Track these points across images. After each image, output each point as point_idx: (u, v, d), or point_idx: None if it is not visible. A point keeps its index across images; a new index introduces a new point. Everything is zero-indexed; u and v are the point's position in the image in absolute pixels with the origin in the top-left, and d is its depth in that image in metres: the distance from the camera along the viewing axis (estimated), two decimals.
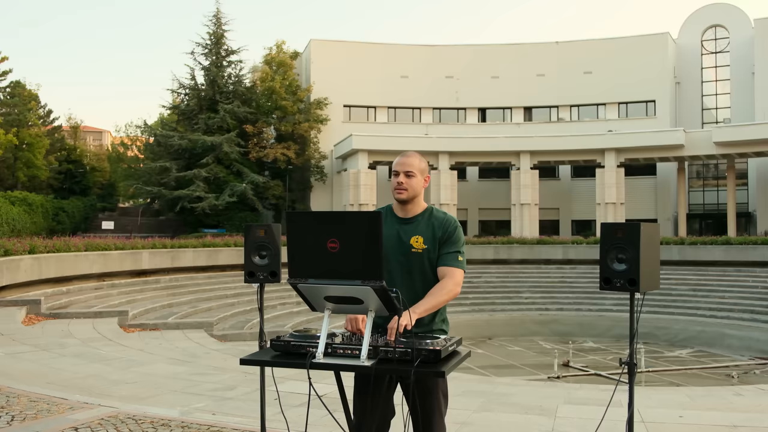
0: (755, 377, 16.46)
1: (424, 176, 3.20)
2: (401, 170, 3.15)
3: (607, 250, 3.46)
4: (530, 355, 19.70)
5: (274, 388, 7.16)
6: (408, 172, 3.15)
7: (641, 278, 3.37)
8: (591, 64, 40.42)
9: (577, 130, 38.72)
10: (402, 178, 3.14)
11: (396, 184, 3.16)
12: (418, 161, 3.19)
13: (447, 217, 3.25)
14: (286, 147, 38.55)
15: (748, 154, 34.23)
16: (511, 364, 18.37)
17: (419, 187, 3.19)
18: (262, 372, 4.21)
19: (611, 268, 3.45)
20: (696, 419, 5.88)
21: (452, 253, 3.16)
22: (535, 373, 16.60)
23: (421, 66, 41.73)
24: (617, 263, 3.44)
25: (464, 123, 42.21)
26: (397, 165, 3.18)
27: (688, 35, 41.68)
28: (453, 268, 3.14)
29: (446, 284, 3.09)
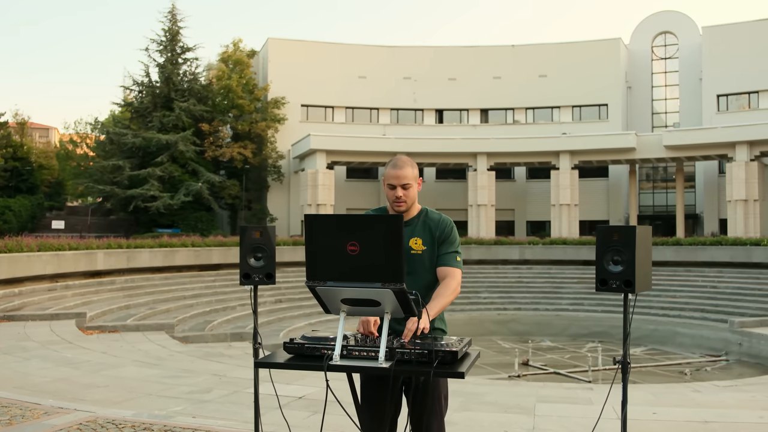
0: (707, 374, 16.98)
1: (417, 181, 3.22)
2: (398, 184, 3.14)
3: (603, 252, 3.56)
4: (490, 354, 19.93)
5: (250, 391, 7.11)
6: (405, 185, 3.15)
7: (636, 279, 3.48)
8: (546, 68, 41.09)
9: (533, 132, 39.35)
10: (400, 191, 3.15)
11: (395, 198, 3.16)
12: (411, 169, 3.20)
13: (442, 217, 3.30)
14: (242, 146, 38.16)
15: (695, 157, 35.28)
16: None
17: (415, 194, 3.23)
18: (256, 375, 4.17)
19: (607, 270, 3.54)
20: (669, 416, 6.05)
21: (451, 253, 3.22)
22: (496, 372, 16.81)
23: (379, 66, 41.82)
24: (613, 265, 3.53)
25: (422, 124, 42.46)
26: (392, 179, 3.16)
27: (639, 41, 42.75)
28: (453, 268, 3.20)
29: (450, 284, 3.15)
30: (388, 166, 3.24)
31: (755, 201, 31.84)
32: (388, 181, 3.18)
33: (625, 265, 3.48)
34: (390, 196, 3.19)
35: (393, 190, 3.16)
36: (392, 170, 3.17)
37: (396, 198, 3.15)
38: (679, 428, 5.47)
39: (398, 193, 3.15)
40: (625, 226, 3.54)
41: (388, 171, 3.19)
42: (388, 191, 3.19)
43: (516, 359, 17.20)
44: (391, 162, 3.25)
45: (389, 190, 3.18)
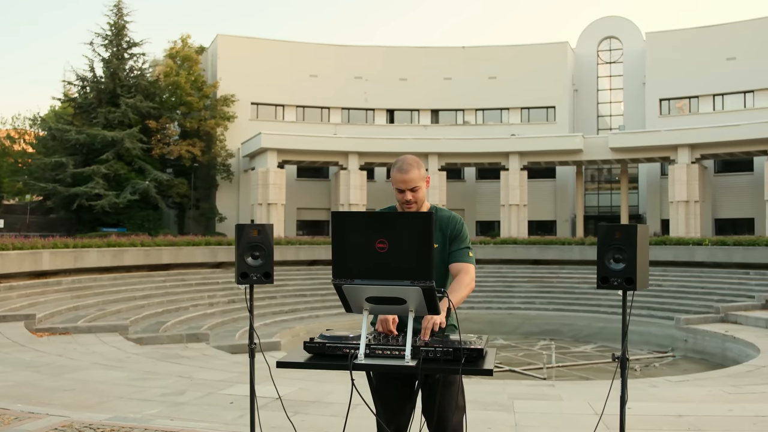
0: (655, 369, 17.48)
1: (425, 181, 3.21)
2: (406, 188, 3.14)
3: (605, 250, 3.61)
4: None
5: (228, 392, 7.02)
6: (413, 189, 3.15)
7: (638, 277, 3.55)
8: (495, 70, 41.63)
9: (482, 133, 39.82)
10: (409, 195, 3.15)
11: (404, 201, 3.16)
12: (418, 171, 3.17)
13: (452, 214, 3.32)
14: (191, 144, 37.51)
15: (639, 159, 36.29)
16: None
17: (425, 194, 3.23)
18: (251, 376, 4.09)
19: (609, 268, 3.60)
20: (643, 410, 6.20)
21: (463, 249, 3.24)
22: None
23: (330, 65, 41.66)
24: (614, 263, 3.60)
25: (373, 124, 42.50)
26: (399, 183, 3.15)
27: (586, 45, 43.74)
28: (466, 263, 3.22)
29: (464, 279, 3.16)
30: (394, 168, 3.21)
31: (696, 202, 32.94)
32: (395, 186, 3.17)
33: (626, 263, 3.54)
34: (399, 199, 3.19)
35: (402, 194, 3.16)
36: (399, 174, 3.16)
37: (406, 201, 3.16)
38: (657, 422, 5.61)
39: (407, 197, 3.15)
40: (626, 224, 3.60)
41: (395, 175, 3.17)
42: (397, 194, 3.18)
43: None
44: (397, 165, 3.21)
45: (398, 193, 3.18)
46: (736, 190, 35.77)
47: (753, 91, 36.83)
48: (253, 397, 4.09)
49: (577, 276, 26.44)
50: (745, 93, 37.16)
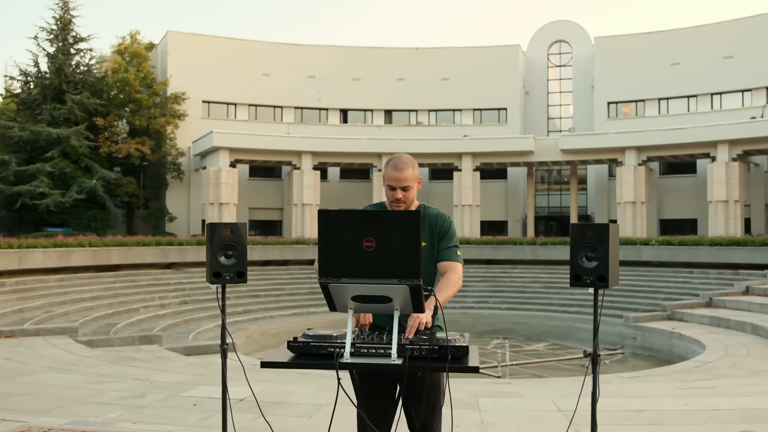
0: (606, 366, 17.85)
1: (417, 182, 3.21)
2: (398, 186, 3.13)
3: (578, 248, 3.68)
4: None
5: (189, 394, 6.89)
6: (405, 188, 3.14)
7: (609, 275, 3.63)
8: (448, 71, 41.95)
9: (435, 134, 40.11)
10: (400, 193, 3.13)
11: (394, 200, 3.15)
12: (411, 170, 3.17)
13: (440, 212, 3.32)
14: (140, 142, 36.76)
15: (589, 161, 37.07)
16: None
17: (415, 194, 3.23)
18: (223, 377, 4.03)
19: (581, 266, 3.67)
20: (604, 406, 6.31)
21: (451, 247, 3.24)
22: None
23: (283, 64, 41.36)
24: (587, 261, 3.66)
25: (326, 123, 42.36)
26: (392, 180, 3.14)
27: (536, 49, 44.45)
28: (454, 262, 3.22)
29: (451, 278, 3.17)
30: (388, 165, 3.20)
31: (642, 203, 33.80)
32: (387, 182, 3.16)
33: (599, 261, 3.61)
34: (389, 196, 3.17)
35: (393, 192, 3.14)
36: (393, 172, 3.14)
37: (396, 200, 3.14)
38: (618, 417, 5.73)
39: (398, 195, 3.13)
40: (598, 223, 3.66)
41: (389, 172, 3.16)
42: (388, 191, 3.17)
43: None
44: (391, 162, 3.20)
45: (389, 190, 3.16)
46: (680, 192, 36.84)
47: (696, 95, 37.98)
48: (226, 399, 4.03)
49: (529, 275, 26.85)
50: (688, 97, 38.30)
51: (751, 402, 6.57)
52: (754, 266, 23.48)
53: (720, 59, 36.68)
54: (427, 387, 3.10)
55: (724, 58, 36.56)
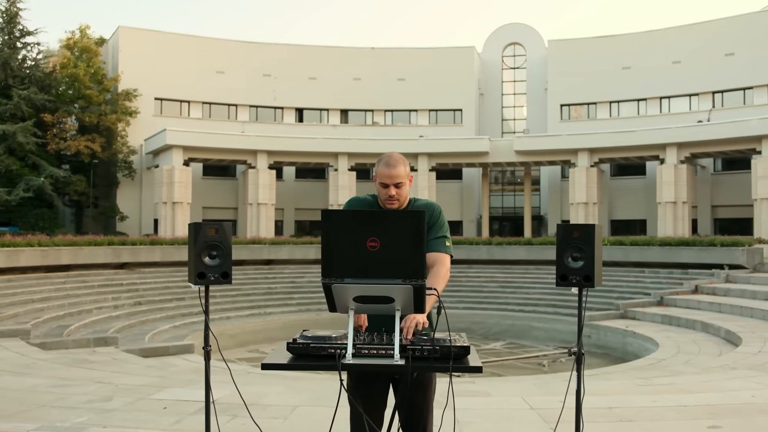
0: (562, 365, 18.14)
1: (409, 179, 3.21)
2: (391, 183, 3.13)
3: (564, 249, 3.72)
4: None
5: (158, 397, 6.75)
6: (397, 184, 3.14)
7: (595, 275, 3.68)
8: (404, 72, 42.10)
9: (391, 134, 40.21)
10: (393, 190, 3.13)
11: (387, 197, 3.13)
12: (404, 167, 3.18)
13: (430, 203, 3.32)
14: (90, 139, 35.88)
15: (542, 162, 37.65)
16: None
17: (407, 192, 3.22)
18: (207, 379, 3.95)
19: (568, 266, 3.71)
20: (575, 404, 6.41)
21: (440, 238, 3.23)
22: None
23: (237, 62, 40.90)
24: (573, 261, 3.71)
25: (281, 122, 42.03)
26: (385, 177, 3.13)
27: (491, 50, 44.94)
28: (442, 254, 3.21)
29: (440, 271, 3.15)
30: (380, 163, 3.19)
31: (594, 204, 34.48)
32: (380, 180, 3.14)
33: (585, 261, 3.66)
34: (382, 194, 3.15)
35: (386, 189, 3.13)
36: (385, 169, 3.13)
37: (389, 197, 3.13)
38: (591, 414, 5.80)
39: (391, 192, 3.12)
40: (584, 224, 3.71)
41: (381, 169, 3.15)
42: (380, 189, 3.15)
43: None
44: (383, 160, 3.19)
45: (382, 188, 3.15)
46: (631, 193, 37.72)
47: (646, 99, 38.94)
48: (209, 402, 3.95)
49: (486, 275, 27.11)
50: (638, 101, 39.25)
51: (714, 398, 6.75)
52: (702, 266, 24.18)
53: (668, 64, 37.67)
54: (419, 387, 3.11)
55: (673, 63, 37.57)
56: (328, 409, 6.42)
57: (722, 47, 36.14)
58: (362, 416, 3.02)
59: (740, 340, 14.79)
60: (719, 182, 36.11)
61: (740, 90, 36.26)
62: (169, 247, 26.88)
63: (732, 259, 23.84)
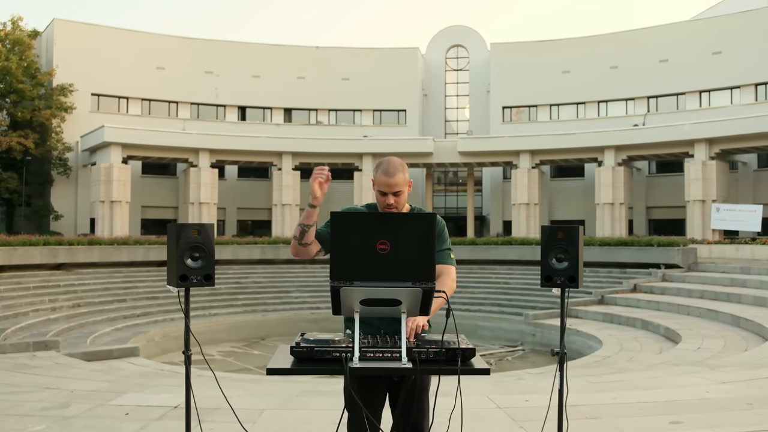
0: (509, 363, 18.43)
1: (408, 185, 3.17)
2: (389, 191, 3.09)
3: (549, 250, 3.77)
4: None
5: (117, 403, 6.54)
6: (396, 193, 3.10)
7: (579, 276, 3.74)
8: (349, 71, 42.04)
9: (335, 133, 40.08)
10: (391, 199, 3.09)
11: (386, 205, 3.10)
12: (403, 175, 3.13)
13: (431, 213, 3.32)
14: (23, 135, 34.58)
15: (485, 163, 38.20)
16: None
17: (406, 198, 3.20)
18: (187, 384, 3.84)
19: (552, 267, 3.76)
20: (542, 402, 6.52)
21: (444, 250, 3.24)
22: None
23: (178, 58, 40.06)
24: (557, 262, 3.76)
25: (224, 120, 41.38)
26: (384, 186, 3.09)
27: (435, 52, 45.32)
28: (448, 265, 3.22)
29: (446, 282, 3.16)
30: (378, 170, 3.14)
31: (535, 204, 35.17)
32: (379, 188, 3.11)
33: (569, 262, 3.72)
34: (381, 202, 3.12)
35: (384, 197, 3.10)
36: (384, 177, 3.09)
37: (387, 205, 3.09)
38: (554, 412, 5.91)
39: (389, 201, 3.09)
40: (568, 226, 3.77)
41: (380, 177, 3.11)
42: (379, 197, 3.12)
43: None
44: (381, 167, 3.14)
45: (380, 195, 3.11)
46: (570, 194, 38.61)
47: (584, 102, 39.94)
48: (189, 407, 3.85)
49: None
50: (577, 104, 40.22)
51: (670, 394, 6.96)
52: (640, 265, 24.95)
53: (606, 69, 38.74)
54: (420, 390, 3.11)
55: (610, 68, 38.65)
56: (295, 411, 6.35)
57: (656, 54, 37.39)
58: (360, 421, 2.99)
59: (679, 337, 15.31)
60: (654, 184, 37.34)
61: (673, 95, 37.59)
62: (108, 248, 26.13)
63: (668, 258, 24.68)
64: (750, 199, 32.32)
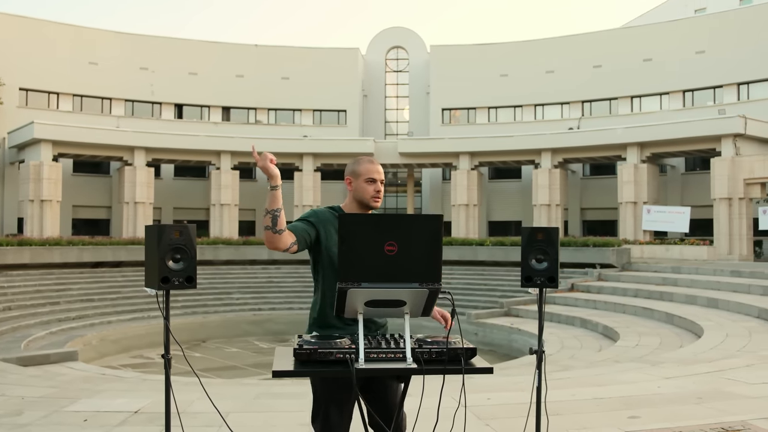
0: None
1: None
2: (378, 178, 3.19)
3: (529, 251, 3.85)
4: (248, 355, 19.80)
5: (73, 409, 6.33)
6: (383, 180, 3.22)
7: (558, 276, 3.84)
8: (288, 71, 41.71)
9: (275, 133, 39.67)
10: (380, 186, 3.20)
11: (375, 192, 3.17)
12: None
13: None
14: None
15: (425, 164, 38.53)
16: (233, 366, 18.26)
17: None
18: (167, 389, 3.75)
19: (532, 268, 3.85)
20: (500, 400, 6.65)
21: None
22: (260, 373, 16.72)
23: (112, 54, 38.91)
24: (537, 263, 3.85)
25: (160, 118, 40.41)
26: (374, 173, 3.18)
27: (375, 53, 45.42)
28: None
29: None
30: (360, 163, 3.23)
31: (474, 205, 35.68)
32: (369, 176, 3.16)
33: (549, 263, 3.81)
34: (369, 191, 3.17)
35: (374, 185, 3.16)
36: (371, 165, 3.19)
37: (376, 192, 3.17)
38: (519, 410, 6.01)
39: (379, 187, 3.17)
40: (548, 227, 3.86)
41: (368, 166, 3.19)
42: (367, 186, 3.17)
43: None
44: (363, 159, 3.24)
45: (368, 184, 3.16)
46: (507, 195, 39.33)
47: (521, 106, 40.75)
48: (169, 412, 3.76)
49: None
50: (515, 107, 41.00)
51: (625, 390, 7.19)
52: (577, 265, 25.64)
53: (542, 73, 39.63)
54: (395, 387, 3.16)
55: (546, 73, 39.56)
56: (261, 414, 6.27)
57: (591, 60, 38.49)
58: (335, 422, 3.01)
59: (618, 335, 15.82)
60: (588, 186, 38.42)
61: (607, 100, 38.77)
62: (39, 248, 25.20)
63: (603, 258, 25.45)
64: (678, 201, 33.64)
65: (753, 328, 13.94)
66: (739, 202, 28.24)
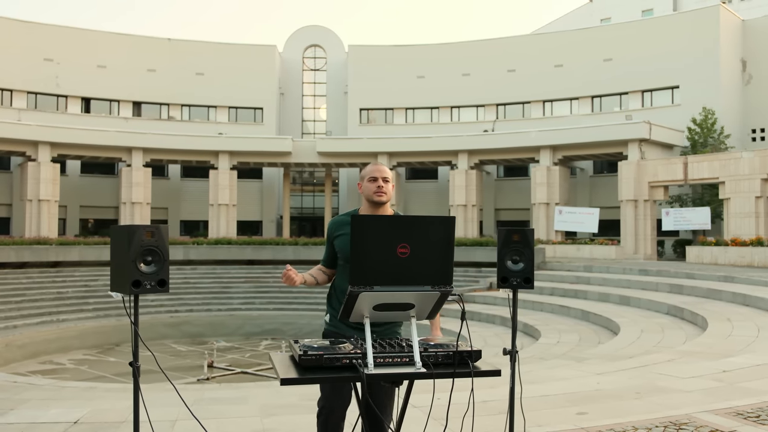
0: None
1: (392, 184, 3.51)
2: (380, 176, 3.40)
3: (505, 252, 3.87)
4: (166, 358, 19.16)
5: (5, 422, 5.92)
6: (385, 178, 3.40)
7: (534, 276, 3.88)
8: (203, 66, 40.70)
9: (189, 130, 38.61)
10: (381, 182, 3.38)
11: (376, 188, 3.37)
12: (389, 170, 3.51)
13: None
14: None
15: (343, 164, 38.46)
16: (150, 369, 17.59)
17: (392, 193, 3.48)
18: (135, 398, 3.55)
19: (508, 268, 3.87)
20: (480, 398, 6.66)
21: None
22: (181, 377, 16.25)
23: (14, 43, 36.81)
24: (513, 264, 3.87)
25: (65, 112, 38.56)
26: (374, 172, 3.42)
27: (292, 51, 44.95)
28: None
29: None
30: (367, 167, 3.55)
31: (393, 205, 35.53)
32: (370, 175, 3.39)
33: (525, 264, 3.84)
34: (371, 187, 3.37)
35: (375, 182, 3.37)
36: (372, 166, 3.45)
37: (378, 187, 3.36)
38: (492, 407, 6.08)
39: (380, 183, 3.36)
40: (523, 228, 3.89)
41: (369, 168, 3.48)
42: (369, 185, 3.38)
43: (205, 361, 16.86)
44: (368, 166, 3.54)
45: (371, 182, 3.38)
46: (424, 196, 39.83)
47: (438, 107, 41.32)
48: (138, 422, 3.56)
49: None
50: (432, 109, 41.52)
51: (567, 386, 7.37)
52: (494, 264, 26.16)
53: (459, 76, 40.32)
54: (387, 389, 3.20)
55: (462, 75, 40.27)
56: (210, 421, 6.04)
57: (505, 64, 39.48)
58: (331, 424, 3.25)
59: (538, 333, 16.27)
60: (502, 187, 39.40)
61: (520, 104, 39.86)
62: None
63: None
64: (587, 203, 35.01)
65: (665, 324, 14.63)
66: (644, 203, 29.66)
